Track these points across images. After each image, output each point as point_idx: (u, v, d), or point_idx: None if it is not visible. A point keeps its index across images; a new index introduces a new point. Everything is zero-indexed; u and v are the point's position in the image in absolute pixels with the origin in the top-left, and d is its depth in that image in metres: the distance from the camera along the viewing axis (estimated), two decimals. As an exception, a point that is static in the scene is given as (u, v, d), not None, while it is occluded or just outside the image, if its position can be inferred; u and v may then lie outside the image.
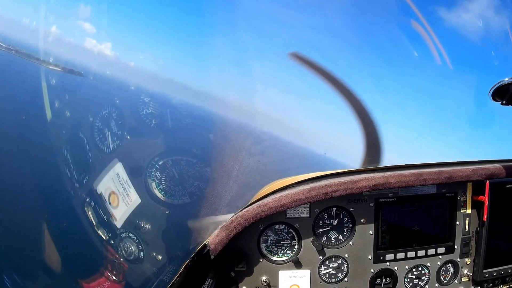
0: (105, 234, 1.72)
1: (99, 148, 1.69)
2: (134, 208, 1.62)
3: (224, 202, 1.63)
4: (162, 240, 1.69)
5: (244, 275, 1.68)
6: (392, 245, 1.74)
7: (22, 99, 2.05)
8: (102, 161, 1.70)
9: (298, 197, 1.52)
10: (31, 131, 2.00)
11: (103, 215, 1.70)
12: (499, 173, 1.73)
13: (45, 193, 1.96)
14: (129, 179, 1.62)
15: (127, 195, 1.62)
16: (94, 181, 1.71)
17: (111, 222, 1.68)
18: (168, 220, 1.69)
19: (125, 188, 1.62)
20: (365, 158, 1.92)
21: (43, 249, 1.85)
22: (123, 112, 1.69)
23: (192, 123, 1.69)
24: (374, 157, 1.90)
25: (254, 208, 1.51)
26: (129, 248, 1.66)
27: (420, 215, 1.77)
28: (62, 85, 1.83)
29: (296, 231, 1.68)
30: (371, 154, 1.89)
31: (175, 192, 1.62)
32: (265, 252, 1.69)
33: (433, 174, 1.64)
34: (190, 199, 1.64)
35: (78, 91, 1.86)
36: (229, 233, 1.51)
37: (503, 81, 1.44)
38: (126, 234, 1.66)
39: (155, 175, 1.62)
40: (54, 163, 1.84)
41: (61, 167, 1.79)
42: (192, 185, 1.65)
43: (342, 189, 1.55)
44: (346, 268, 1.73)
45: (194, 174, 1.65)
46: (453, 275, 1.85)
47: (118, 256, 1.71)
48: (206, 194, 1.63)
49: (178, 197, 1.63)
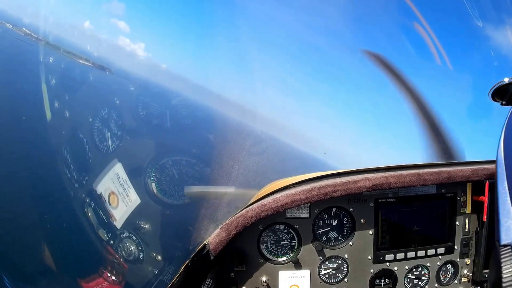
0: (105, 235, 1.72)
1: (99, 149, 1.69)
2: (133, 209, 1.62)
3: (224, 203, 1.63)
4: (162, 241, 1.69)
5: (244, 275, 1.68)
6: (392, 246, 1.74)
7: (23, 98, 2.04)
8: (101, 161, 1.70)
9: (297, 197, 1.52)
10: (31, 131, 2.00)
11: (102, 216, 1.70)
12: None
13: (45, 194, 1.95)
14: (129, 179, 1.62)
15: (127, 195, 1.62)
16: (94, 182, 1.71)
17: (110, 222, 1.68)
18: (167, 221, 1.69)
19: (124, 188, 1.62)
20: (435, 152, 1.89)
21: (42, 249, 1.85)
22: (122, 112, 1.69)
23: (192, 123, 1.69)
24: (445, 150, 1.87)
25: (254, 209, 1.51)
26: (129, 248, 1.66)
27: (419, 215, 1.77)
28: (62, 84, 1.83)
29: (296, 231, 1.68)
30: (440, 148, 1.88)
31: (175, 193, 1.62)
32: (265, 253, 1.69)
33: (433, 174, 1.64)
34: (189, 200, 1.64)
35: (78, 91, 1.86)
36: (228, 233, 1.51)
37: (503, 82, 1.44)
38: (126, 234, 1.66)
39: (155, 176, 1.62)
40: (54, 163, 1.84)
41: (60, 168, 1.78)
42: (192, 185, 1.64)
43: (341, 189, 1.55)
44: (346, 268, 1.73)
45: (193, 175, 1.65)
46: (453, 276, 1.85)
47: (117, 256, 1.71)
48: (205, 194, 1.63)
49: (178, 198, 1.63)
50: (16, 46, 1.84)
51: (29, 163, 1.97)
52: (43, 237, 1.88)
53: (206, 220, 1.61)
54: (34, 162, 1.97)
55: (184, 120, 1.67)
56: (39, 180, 1.98)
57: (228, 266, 1.66)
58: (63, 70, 1.80)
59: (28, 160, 1.97)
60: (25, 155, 1.97)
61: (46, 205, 1.91)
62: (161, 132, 1.67)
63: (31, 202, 1.96)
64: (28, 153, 1.97)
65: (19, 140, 2.02)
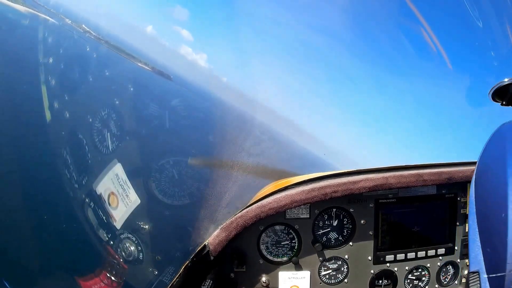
0: (104, 235, 1.72)
1: (98, 149, 1.69)
2: (133, 209, 1.62)
3: (224, 203, 1.63)
4: (162, 241, 1.69)
5: (244, 276, 1.68)
6: (392, 246, 1.74)
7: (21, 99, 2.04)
8: (101, 162, 1.70)
9: (297, 198, 1.52)
10: (30, 131, 1.99)
11: (102, 216, 1.70)
12: None
13: (44, 194, 1.95)
14: (129, 180, 1.61)
15: (127, 196, 1.62)
16: (93, 182, 1.70)
17: (110, 223, 1.68)
18: (167, 221, 1.69)
19: (124, 189, 1.62)
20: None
21: (41, 250, 1.85)
22: (122, 113, 1.68)
23: (192, 124, 1.68)
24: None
25: (254, 209, 1.51)
26: (129, 249, 1.66)
27: (420, 216, 1.77)
28: (62, 85, 1.82)
29: (296, 232, 1.68)
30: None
31: (175, 193, 1.62)
32: (265, 253, 1.69)
33: (433, 175, 1.64)
34: (189, 200, 1.64)
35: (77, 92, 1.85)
36: (228, 234, 1.50)
37: (503, 82, 1.44)
38: (126, 235, 1.66)
39: (155, 176, 1.61)
40: (53, 164, 1.83)
41: (60, 168, 1.78)
42: (191, 186, 1.64)
43: (342, 189, 1.55)
44: (346, 269, 1.73)
45: (193, 175, 1.65)
46: (453, 276, 1.85)
47: (117, 257, 1.70)
48: (205, 195, 1.63)
49: (178, 198, 1.62)
50: (72, 41, 1.81)
51: (28, 164, 1.97)
52: (42, 238, 1.87)
53: (206, 220, 1.61)
54: (32, 163, 1.97)
55: (184, 121, 1.67)
56: (38, 181, 1.97)
57: (228, 267, 1.66)
58: (118, 70, 1.75)
59: (27, 161, 1.96)
60: (24, 156, 1.97)
61: (45, 205, 1.91)
62: (161, 132, 1.67)
63: (29, 203, 1.95)
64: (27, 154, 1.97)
65: (18, 141, 2.01)
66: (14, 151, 1.99)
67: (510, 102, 1.46)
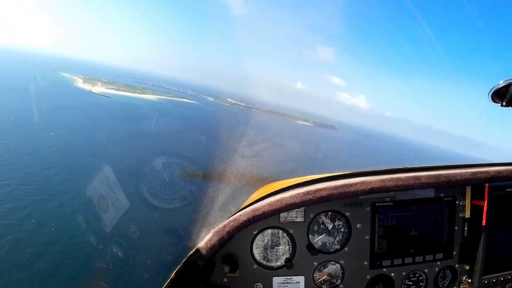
0: (94, 239, 1.68)
1: (88, 152, 1.65)
2: (123, 213, 1.59)
3: (216, 206, 1.60)
4: (153, 245, 1.65)
5: (237, 281, 1.64)
6: (389, 251, 1.70)
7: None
8: (91, 165, 1.66)
9: (292, 201, 1.48)
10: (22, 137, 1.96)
11: (92, 220, 1.66)
12: (499, 176, 1.69)
13: (33, 198, 1.92)
14: (119, 183, 1.58)
15: (117, 199, 1.58)
16: (83, 186, 1.67)
17: (100, 227, 1.64)
18: (158, 225, 1.65)
19: (114, 192, 1.59)
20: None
21: (29, 255, 1.81)
22: (114, 116, 1.65)
23: (183, 125, 1.65)
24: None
25: (247, 213, 1.47)
26: (119, 253, 1.63)
27: (417, 219, 1.73)
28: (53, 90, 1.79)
29: (290, 236, 1.64)
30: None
31: (166, 196, 1.59)
32: (258, 258, 1.65)
33: (431, 178, 1.60)
34: (181, 203, 1.60)
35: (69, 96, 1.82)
36: (221, 238, 1.47)
37: (502, 82, 1.41)
38: (116, 239, 1.63)
39: (145, 179, 1.58)
40: (43, 167, 1.80)
41: (48, 172, 1.75)
42: (183, 188, 1.61)
43: (337, 193, 1.51)
44: (341, 274, 1.69)
45: (185, 178, 1.62)
46: (451, 282, 1.81)
47: (107, 261, 1.67)
48: (197, 198, 1.60)
49: (169, 201, 1.59)
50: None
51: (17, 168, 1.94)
52: (30, 242, 1.84)
53: (198, 224, 1.57)
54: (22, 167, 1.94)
55: (175, 122, 1.64)
56: (27, 185, 1.94)
57: (220, 272, 1.62)
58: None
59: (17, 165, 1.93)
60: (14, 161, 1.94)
61: (35, 210, 1.88)
62: (152, 134, 1.64)
63: (19, 207, 1.92)
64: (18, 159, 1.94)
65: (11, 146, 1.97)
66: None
67: (510, 103, 1.43)
